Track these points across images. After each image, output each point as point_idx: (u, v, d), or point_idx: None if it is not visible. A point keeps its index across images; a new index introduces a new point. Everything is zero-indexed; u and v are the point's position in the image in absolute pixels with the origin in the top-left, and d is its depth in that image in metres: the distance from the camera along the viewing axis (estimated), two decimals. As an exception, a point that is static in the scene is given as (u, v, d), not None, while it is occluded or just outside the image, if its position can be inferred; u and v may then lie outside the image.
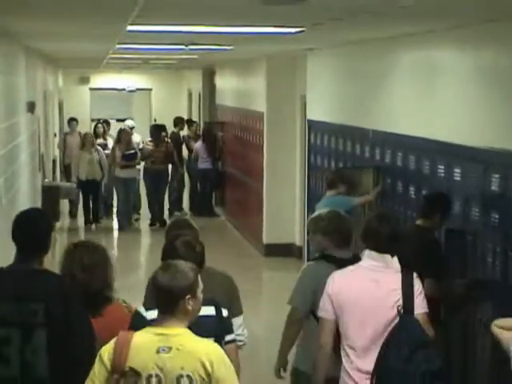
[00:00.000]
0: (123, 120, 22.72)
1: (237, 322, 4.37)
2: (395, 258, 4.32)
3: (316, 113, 10.46)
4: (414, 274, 4.32)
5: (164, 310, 3.41)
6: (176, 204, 15.74)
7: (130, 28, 6.91)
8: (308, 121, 10.84)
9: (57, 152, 17.54)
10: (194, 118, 22.09)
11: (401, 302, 4.17)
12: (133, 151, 14.49)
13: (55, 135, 17.25)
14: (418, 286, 4.27)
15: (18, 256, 3.83)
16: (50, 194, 12.41)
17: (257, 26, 7.04)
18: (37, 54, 12.63)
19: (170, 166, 15.23)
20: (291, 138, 12.21)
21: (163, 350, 3.34)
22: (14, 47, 9.29)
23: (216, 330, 3.90)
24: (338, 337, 4.30)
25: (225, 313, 4.04)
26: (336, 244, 4.80)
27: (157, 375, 3.33)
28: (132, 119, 19.35)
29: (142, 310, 3.87)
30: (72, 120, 16.61)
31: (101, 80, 23.52)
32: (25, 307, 3.68)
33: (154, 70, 22.06)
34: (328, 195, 7.83)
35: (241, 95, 15.15)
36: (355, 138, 8.76)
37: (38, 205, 11.58)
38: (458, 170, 6.30)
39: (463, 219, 6.19)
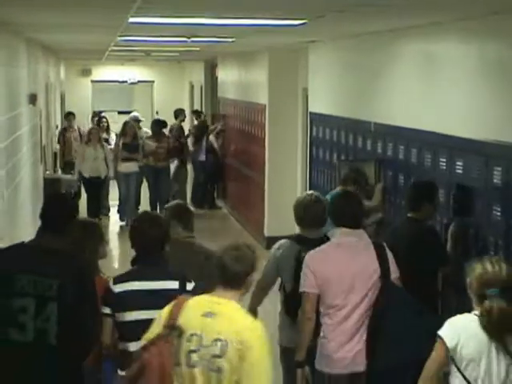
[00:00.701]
0: (125, 112, 22.74)
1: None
2: (365, 233, 4.93)
3: (318, 105, 10.45)
4: (385, 245, 4.93)
5: (225, 284, 3.88)
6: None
7: (131, 20, 6.90)
8: (310, 113, 10.83)
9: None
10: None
11: (379, 269, 4.76)
12: (136, 143, 13.98)
13: (57, 127, 17.24)
14: (390, 254, 4.86)
15: (41, 233, 4.20)
16: (52, 187, 12.41)
17: (259, 19, 7.03)
18: (38, 46, 12.62)
19: (175, 161, 14.84)
20: (293, 130, 12.20)
21: (208, 315, 3.78)
22: (15, 39, 9.28)
23: None
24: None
25: (189, 287, 4.34)
26: (308, 225, 5.29)
27: (197, 335, 3.76)
28: (135, 111, 19.16)
29: (113, 287, 4.36)
30: (69, 114, 16.00)
31: (102, 72, 23.50)
32: (40, 281, 4.05)
33: (155, 62, 22.04)
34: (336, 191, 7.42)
35: (243, 88, 15.13)
36: (357, 130, 8.74)
37: (40, 197, 11.58)
38: (460, 163, 6.29)
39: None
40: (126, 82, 23.85)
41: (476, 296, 3.80)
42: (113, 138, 15.00)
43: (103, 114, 17.02)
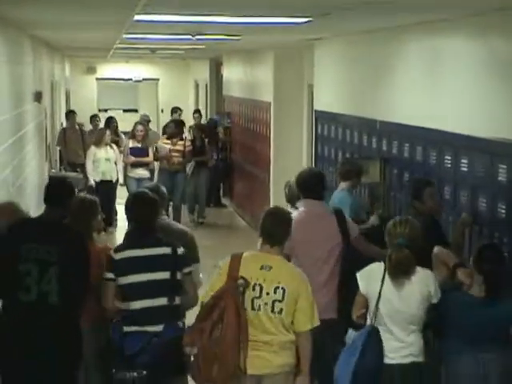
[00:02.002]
0: (130, 110, 22.75)
1: (195, 267, 5.30)
2: (325, 203, 5.95)
3: (323, 103, 10.44)
4: (343, 212, 5.87)
5: (271, 241, 4.80)
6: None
7: (137, 17, 6.90)
8: (315, 111, 10.82)
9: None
10: (201, 108, 22.09)
11: (340, 231, 5.67)
12: (143, 146, 12.91)
13: (62, 125, 17.25)
14: (348, 219, 5.86)
15: (46, 209, 4.96)
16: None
17: (264, 17, 7.03)
18: (43, 44, 12.63)
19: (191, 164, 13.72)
20: (298, 128, 12.20)
21: (265, 267, 4.73)
22: (20, 37, 9.29)
23: (171, 265, 4.94)
24: None
25: (180, 251, 4.98)
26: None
27: (260, 284, 4.71)
28: (145, 111, 19.04)
29: (114, 255, 4.97)
30: (71, 112, 14.98)
31: (107, 70, 23.53)
32: (43, 249, 4.73)
33: (160, 60, 22.04)
34: (340, 189, 7.35)
35: (248, 86, 15.13)
36: (362, 128, 8.74)
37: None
38: (464, 161, 6.29)
39: (470, 210, 6.18)
40: (130, 79, 23.87)
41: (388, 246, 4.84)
42: (123, 139, 13.96)
43: (112, 115, 16.18)
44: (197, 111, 17.02)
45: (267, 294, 4.70)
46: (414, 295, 4.76)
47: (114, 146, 12.93)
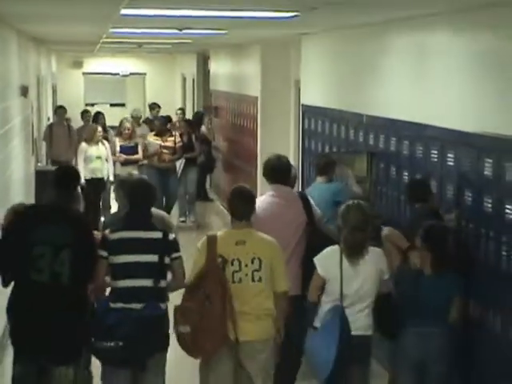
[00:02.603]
0: (117, 105, 22.69)
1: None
2: (291, 188, 6.30)
3: (310, 97, 10.44)
4: (308, 196, 6.31)
5: (241, 217, 5.30)
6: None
7: (123, 12, 6.88)
8: (302, 105, 10.83)
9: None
10: (189, 102, 22.05)
11: (304, 212, 6.08)
12: (132, 144, 12.68)
13: (48, 119, 17.18)
14: (312, 203, 6.19)
15: (56, 196, 5.30)
16: (43, 179, 12.38)
17: (251, 11, 7.02)
18: (29, 38, 12.58)
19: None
20: (285, 122, 12.20)
21: (240, 242, 5.22)
22: (6, 30, 9.25)
23: (161, 249, 5.25)
24: None
25: (170, 236, 5.32)
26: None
27: (238, 259, 5.20)
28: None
29: (109, 235, 5.29)
30: (60, 108, 14.61)
31: (94, 64, 23.46)
32: (56, 233, 5.08)
33: (147, 54, 22.01)
34: (318, 183, 7.49)
35: (235, 80, 15.12)
36: (349, 122, 8.75)
37: (32, 190, 11.56)
38: (451, 155, 6.30)
39: (456, 204, 6.19)
40: (118, 74, 23.81)
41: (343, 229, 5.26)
42: (112, 134, 13.61)
43: (99, 110, 15.92)
44: (181, 109, 16.69)
45: (246, 265, 5.20)
46: (369, 272, 5.24)
47: (106, 142, 12.55)
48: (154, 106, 16.74)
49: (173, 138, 13.16)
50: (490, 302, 5.67)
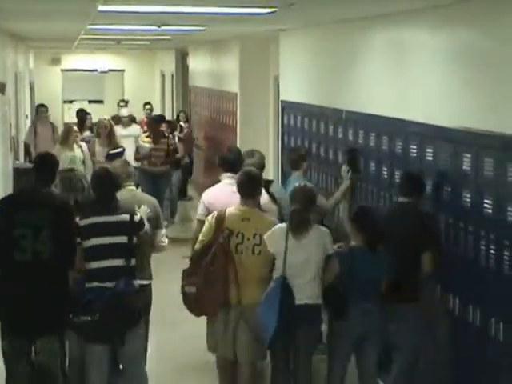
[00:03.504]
0: (95, 101, 22.58)
1: (160, 232, 6.36)
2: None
3: (289, 94, 10.45)
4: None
5: (247, 197, 5.99)
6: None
7: (101, 8, 6.85)
8: (281, 101, 10.84)
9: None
10: (168, 99, 22.02)
11: None
12: (119, 150, 10.81)
13: (27, 117, 17.09)
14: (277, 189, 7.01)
15: (36, 182, 5.74)
16: (22, 176, 12.30)
17: (229, 7, 7.01)
18: (7, 34, 12.50)
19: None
20: (264, 118, 12.21)
21: (245, 219, 5.93)
22: (-17, 27, 9.19)
23: (128, 230, 5.68)
24: None
25: (136, 218, 5.77)
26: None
27: (242, 233, 5.89)
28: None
29: (79, 222, 5.71)
30: (41, 106, 14.11)
31: (73, 61, 23.34)
32: (36, 215, 5.50)
33: (126, 50, 21.93)
34: (295, 176, 7.57)
35: (214, 76, 15.11)
36: (328, 118, 8.76)
37: (10, 187, 11.49)
38: (430, 150, 6.33)
39: (435, 199, 6.22)
40: (96, 70, 23.71)
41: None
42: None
43: (81, 107, 15.22)
44: (148, 103, 16.06)
45: (248, 239, 5.87)
46: (313, 247, 5.77)
47: (83, 144, 11.34)
48: (122, 104, 16.17)
49: (166, 140, 12.33)
50: (470, 296, 5.71)
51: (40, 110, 13.97)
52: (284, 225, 5.88)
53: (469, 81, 5.83)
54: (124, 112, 13.92)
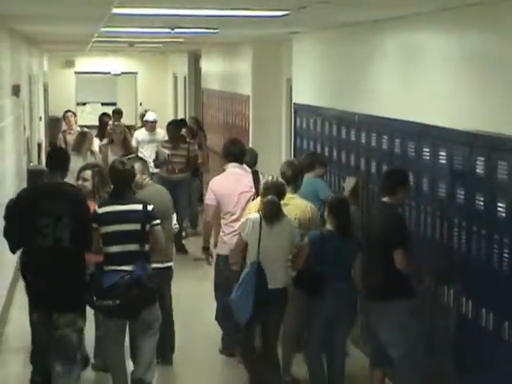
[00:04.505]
0: (108, 104, 22.62)
1: (173, 217, 7.32)
2: (245, 166, 7.67)
3: (302, 96, 10.46)
4: (258, 171, 7.89)
5: (288, 184, 6.66)
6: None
7: (115, 11, 6.88)
8: (294, 104, 10.84)
9: (42, 136, 17.44)
10: (180, 101, 22.03)
11: (253, 187, 7.35)
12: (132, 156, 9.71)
13: (40, 119, 17.15)
14: (261, 176, 7.58)
15: (51, 175, 6.33)
16: (35, 178, 12.35)
17: (242, 10, 7.03)
18: (22, 37, 12.57)
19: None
20: (277, 121, 12.22)
21: (285, 204, 6.46)
22: (-2, 30, 9.24)
23: (142, 218, 6.29)
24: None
25: (149, 207, 6.34)
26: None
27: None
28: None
29: (98, 209, 6.37)
30: (68, 111, 13.74)
31: (86, 64, 23.43)
32: (57, 205, 6.13)
33: (139, 53, 21.99)
34: (307, 177, 7.65)
35: (226, 79, 15.13)
36: (341, 121, 8.77)
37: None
38: (443, 153, 6.33)
39: (448, 202, 6.22)
40: (109, 73, 23.78)
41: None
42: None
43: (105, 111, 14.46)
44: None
45: None
46: (283, 235, 6.29)
47: (97, 152, 11.03)
48: (117, 114, 15.19)
49: (186, 146, 11.70)
50: (483, 299, 5.71)
51: (66, 115, 13.42)
52: (257, 214, 6.35)
53: (481, 84, 5.83)
54: (150, 116, 13.11)
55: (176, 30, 9.73)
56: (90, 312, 6.55)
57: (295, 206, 6.75)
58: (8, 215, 6.32)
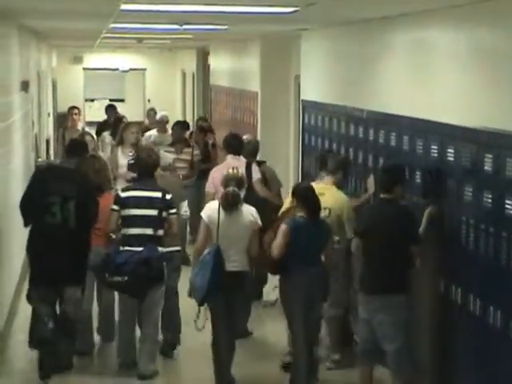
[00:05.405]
0: (116, 100, 22.66)
1: (184, 204, 7.67)
2: (242, 157, 8.44)
3: (310, 93, 10.46)
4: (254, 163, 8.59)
5: (326, 173, 7.40)
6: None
7: (123, 7, 6.89)
8: (302, 101, 10.84)
9: (51, 132, 17.47)
10: (188, 98, 22.04)
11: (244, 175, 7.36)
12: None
13: (49, 115, 17.18)
14: (255, 167, 8.53)
15: (63, 158, 7.36)
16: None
17: (251, 6, 7.04)
18: (31, 33, 12.59)
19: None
20: (285, 118, 12.22)
21: (320, 194, 6.74)
22: (7, 26, 9.26)
23: (160, 206, 6.91)
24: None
25: (168, 196, 6.97)
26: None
27: None
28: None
29: (121, 193, 7.07)
30: (72, 108, 13.43)
31: (94, 60, 23.46)
32: (64, 186, 6.82)
33: (147, 49, 22.00)
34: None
35: (235, 75, 15.14)
36: (349, 118, 8.77)
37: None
38: (451, 151, 6.32)
39: (456, 199, 6.22)
40: (117, 69, 23.81)
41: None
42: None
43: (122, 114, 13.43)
44: (152, 109, 14.36)
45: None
46: (241, 222, 6.65)
47: (101, 155, 9.62)
48: (110, 110, 14.45)
49: (190, 150, 10.96)
50: (490, 297, 5.71)
51: (71, 113, 12.98)
52: (216, 201, 6.83)
53: (490, 81, 5.82)
54: (162, 116, 12.36)
55: (185, 27, 9.74)
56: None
57: (329, 196, 7.07)
58: (26, 189, 7.06)
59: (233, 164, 7.80)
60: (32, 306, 6.94)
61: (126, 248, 6.86)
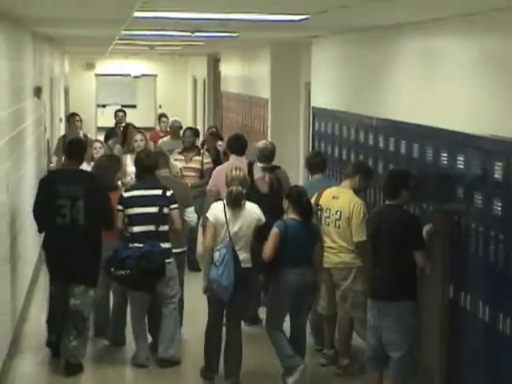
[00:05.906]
0: (128, 106, 22.74)
1: (189, 210, 7.66)
2: (244, 157, 8.62)
3: (320, 100, 10.50)
4: (252, 161, 8.53)
5: (344, 178, 7.52)
6: None
7: (136, 14, 6.95)
8: (312, 108, 10.88)
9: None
10: (199, 104, 22.10)
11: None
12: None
13: (61, 120, 17.26)
14: (256, 166, 8.42)
15: (68, 161, 7.45)
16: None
17: (262, 14, 7.08)
18: (44, 40, 12.67)
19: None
20: (295, 124, 12.26)
21: (334, 197, 7.20)
22: (21, 33, 9.34)
23: (160, 202, 7.17)
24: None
25: (168, 193, 7.23)
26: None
27: (329, 209, 7.19)
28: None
29: (124, 193, 7.34)
30: (73, 115, 13.12)
31: (106, 66, 23.57)
32: (72, 188, 7.03)
33: (159, 56, 22.09)
34: (316, 179, 8.03)
35: (245, 82, 15.19)
36: (359, 125, 8.80)
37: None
38: (461, 158, 6.34)
39: (466, 207, 6.23)
40: (129, 75, 23.90)
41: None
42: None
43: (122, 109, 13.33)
44: (163, 115, 13.98)
45: (332, 214, 7.15)
46: (246, 220, 6.81)
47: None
48: (119, 113, 14.46)
49: (199, 158, 10.43)
50: (500, 304, 5.73)
51: (72, 120, 12.79)
52: (221, 201, 6.93)
53: (500, 89, 5.85)
54: (174, 121, 12.05)
55: (196, 34, 9.80)
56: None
57: (343, 199, 7.16)
58: (36, 196, 7.27)
59: (235, 164, 7.92)
60: (50, 303, 7.44)
61: (136, 245, 7.12)
